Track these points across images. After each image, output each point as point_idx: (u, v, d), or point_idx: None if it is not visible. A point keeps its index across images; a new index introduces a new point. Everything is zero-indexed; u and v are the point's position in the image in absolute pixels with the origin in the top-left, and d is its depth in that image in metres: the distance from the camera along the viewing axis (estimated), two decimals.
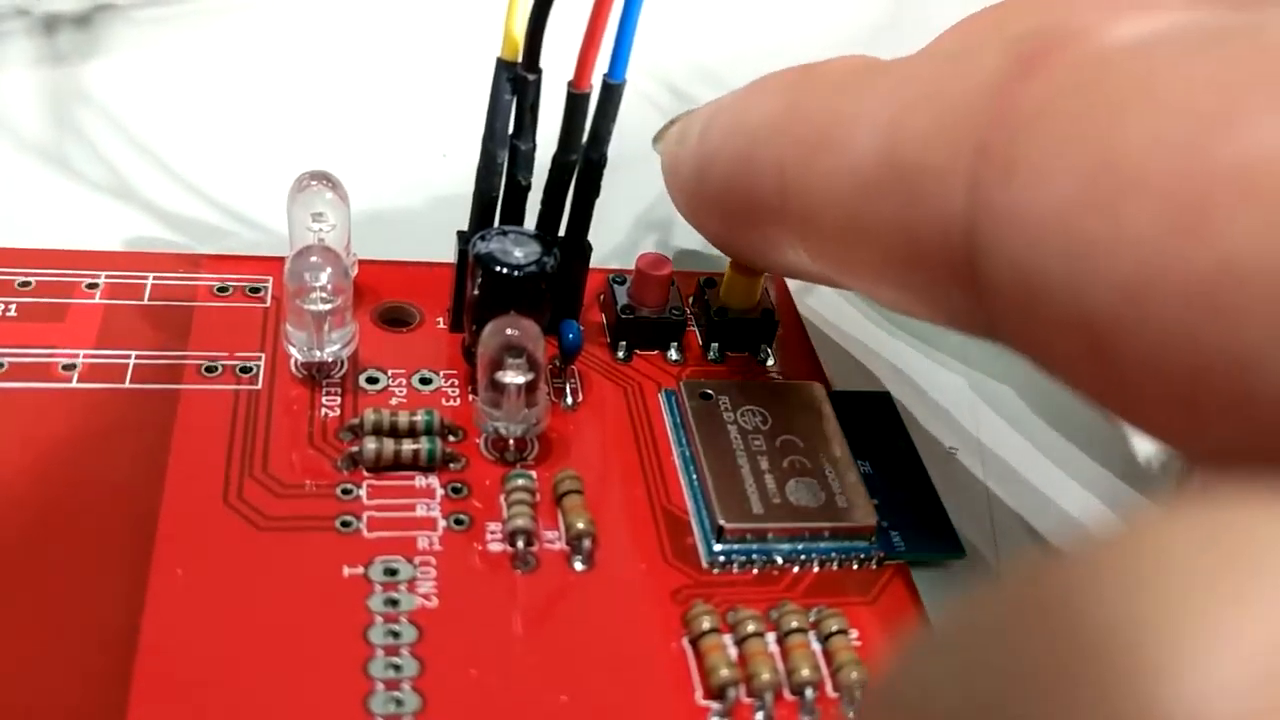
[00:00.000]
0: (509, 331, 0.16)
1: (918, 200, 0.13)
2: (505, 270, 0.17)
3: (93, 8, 0.26)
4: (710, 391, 0.18)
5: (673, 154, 0.19)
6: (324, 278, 0.17)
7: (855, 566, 0.17)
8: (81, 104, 0.24)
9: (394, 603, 0.15)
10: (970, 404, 0.20)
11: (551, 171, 0.18)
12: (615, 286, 0.20)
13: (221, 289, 0.19)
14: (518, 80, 0.17)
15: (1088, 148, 0.11)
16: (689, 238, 0.23)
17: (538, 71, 0.17)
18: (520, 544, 0.16)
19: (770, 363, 0.20)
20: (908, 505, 0.18)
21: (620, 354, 0.19)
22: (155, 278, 0.19)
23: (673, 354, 0.20)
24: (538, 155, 0.18)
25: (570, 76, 0.17)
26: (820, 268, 0.16)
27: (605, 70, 0.17)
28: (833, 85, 0.15)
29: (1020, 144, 0.11)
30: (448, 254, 0.20)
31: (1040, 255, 0.11)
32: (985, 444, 0.20)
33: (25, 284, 0.19)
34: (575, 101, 0.17)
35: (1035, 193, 0.11)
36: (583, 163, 0.18)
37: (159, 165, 0.23)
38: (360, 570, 0.15)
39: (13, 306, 0.18)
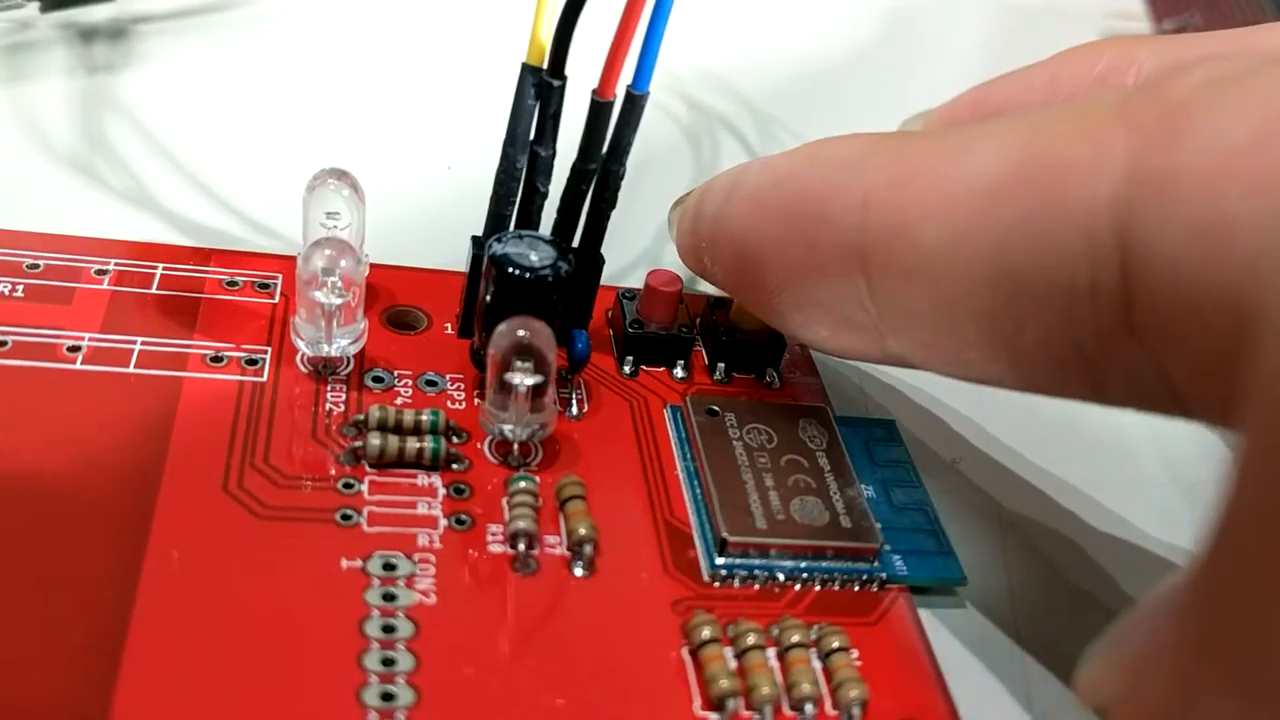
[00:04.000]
0: (521, 332, 0.16)
1: (1054, 196, 0.12)
2: (520, 273, 0.17)
3: (127, 20, 0.27)
4: (716, 408, 0.18)
5: (695, 210, 0.18)
6: (338, 269, 0.17)
7: (857, 588, 0.17)
8: (111, 110, 0.24)
9: (391, 597, 0.15)
10: (978, 433, 0.20)
11: (570, 180, 0.18)
12: (625, 302, 0.20)
13: (230, 283, 0.19)
14: (542, 86, 0.17)
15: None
16: None
17: (563, 78, 0.17)
18: (521, 546, 0.16)
19: (776, 386, 0.20)
20: (911, 531, 0.18)
21: (627, 369, 0.19)
22: (165, 268, 0.19)
23: (679, 372, 0.20)
24: (555, 164, 0.18)
25: (593, 85, 0.17)
26: (883, 314, 0.15)
27: (628, 80, 0.17)
28: (929, 133, 0.15)
29: (1187, 111, 0.12)
30: (456, 263, 0.20)
31: (1225, 197, 0.11)
32: (993, 468, 0.20)
33: (34, 266, 0.18)
34: (598, 109, 0.17)
35: (1219, 138, 0.11)
36: (601, 173, 0.18)
37: (177, 170, 0.23)
38: (358, 563, 0.15)
39: (20, 287, 0.18)
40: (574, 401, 0.18)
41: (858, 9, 0.33)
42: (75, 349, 0.17)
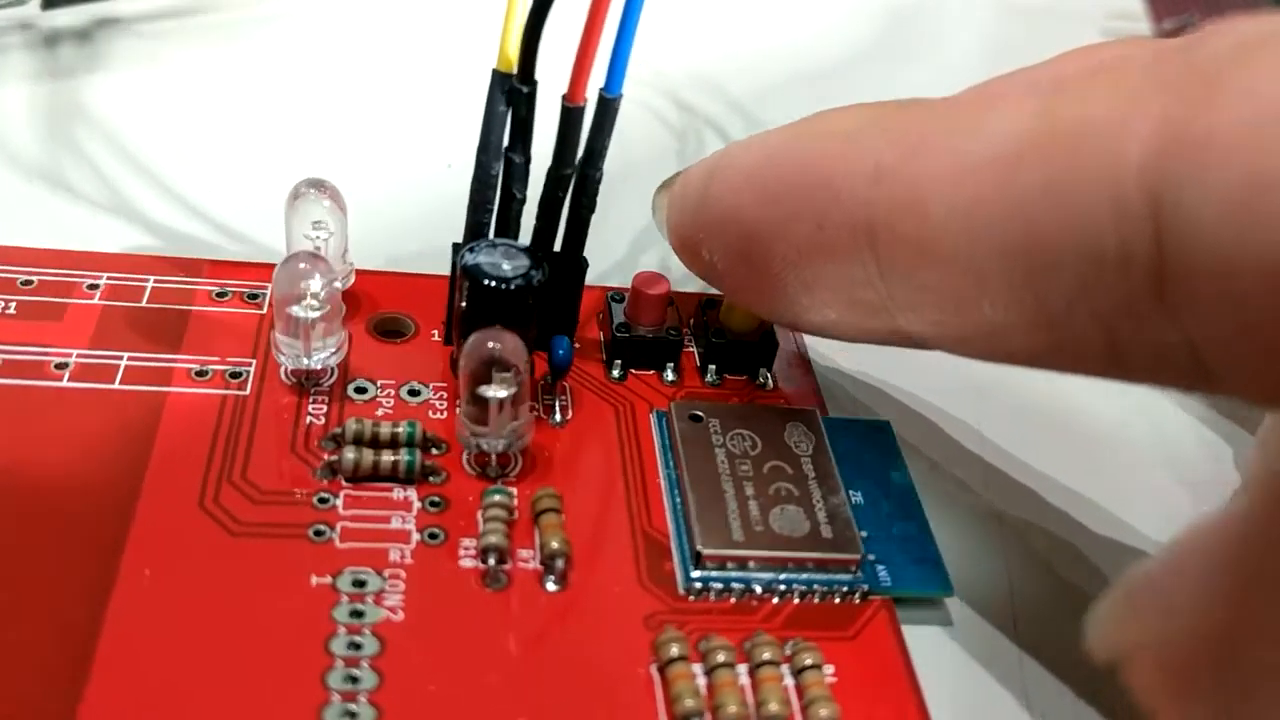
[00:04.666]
0: (490, 345, 0.16)
1: (1079, 160, 0.12)
2: (492, 283, 0.17)
3: (93, 22, 0.27)
4: (700, 414, 0.18)
5: (686, 198, 0.17)
6: (312, 284, 0.17)
7: (837, 600, 0.16)
8: (84, 117, 0.24)
9: (359, 614, 0.15)
10: (977, 435, 0.20)
11: (546, 186, 0.18)
12: (613, 304, 0.20)
13: (220, 294, 0.19)
14: (512, 92, 0.17)
15: None
16: None
17: (532, 83, 0.17)
18: (492, 561, 0.16)
19: (769, 387, 0.20)
20: (898, 539, 0.17)
21: (615, 373, 0.19)
22: (155, 281, 0.19)
23: (669, 375, 0.19)
24: (537, 170, 0.18)
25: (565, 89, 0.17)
26: (893, 292, 0.14)
27: (601, 84, 0.17)
28: (936, 102, 0.14)
29: (1222, 69, 0.11)
30: (447, 267, 0.20)
31: (1266, 156, 0.10)
32: (992, 475, 0.19)
33: (27, 282, 0.19)
34: (569, 115, 0.17)
35: (1257, 95, 0.11)
36: (578, 178, 0.18)
37: (162, 177, 0.23)
38: (328, 580, 0.15)
39: (12, 304, 0.18)
40: (557, 408, 0.18)
41: (854, 9, 0.32)
42: (63, 366, 0.17)
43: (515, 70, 0.17)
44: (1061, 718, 0.16)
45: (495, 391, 0.16)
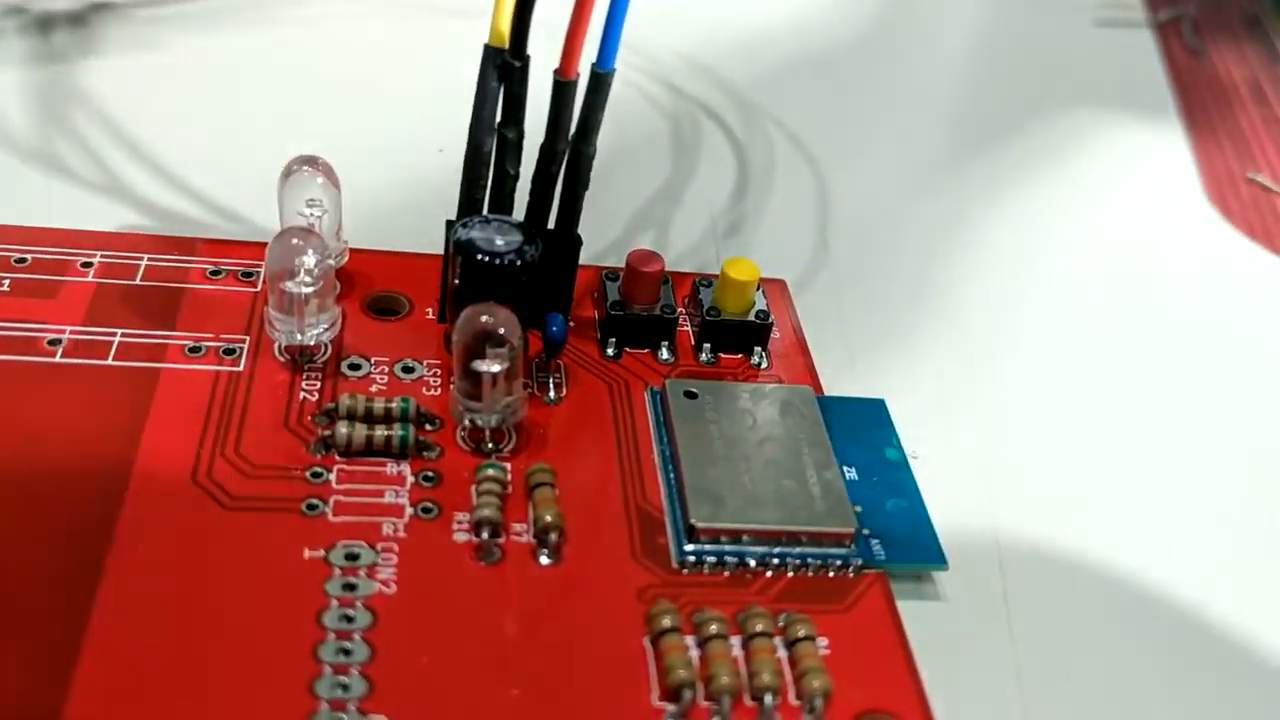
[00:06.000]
0: (483, 318, 0.16)
1: None
2: (485, 258, 0.17)
3: (87, 7, 0.27)
4: (695, 391, 0.18)
5: None
6: (306, 259, 0.17)
7: (831, 573, 0.16)
8: (78, 99, 0.24)
9: (351, 587, 0.15)
10: (970, 413, 0.20)
11: (539, 162, 0.18)
12: (608, 282, 0.20)
13: (214, 272, 0.19)
14: (504, 67, 0.17)
15: None
16: (686, 235, 0.23)
17: (524, 58, 0.17)
18: (485, 535, 0.16)
19: (764, 366, 0.20)
20: (892, 514, 0.17)
21: (610, 351, 0.19)
22: (149, 259, 0.19)
23: (664, 353, 0.19)
24: (530, 146, 0.18)
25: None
26: None
27: (594, 59, 0.17)
28: None
29: None
30: (440, 246, 0.20)
31: None
32: (984, 451, 0.19)
33: (21, 260, 0.19)
34: (561, 89, 0.17)
35: None
36: (571, 153, 0.18)
37: (156, 156, 0.23)
38: (321, 554, 0.15)
39: (6, 281, 0.18)
40: (551, 386, 0.18)
41: None
42: (56, 342, 0.17)
43: (508, 45, 0.17)
44: (1053, 690, 0.16)
45: (488, 366, 0.16)
